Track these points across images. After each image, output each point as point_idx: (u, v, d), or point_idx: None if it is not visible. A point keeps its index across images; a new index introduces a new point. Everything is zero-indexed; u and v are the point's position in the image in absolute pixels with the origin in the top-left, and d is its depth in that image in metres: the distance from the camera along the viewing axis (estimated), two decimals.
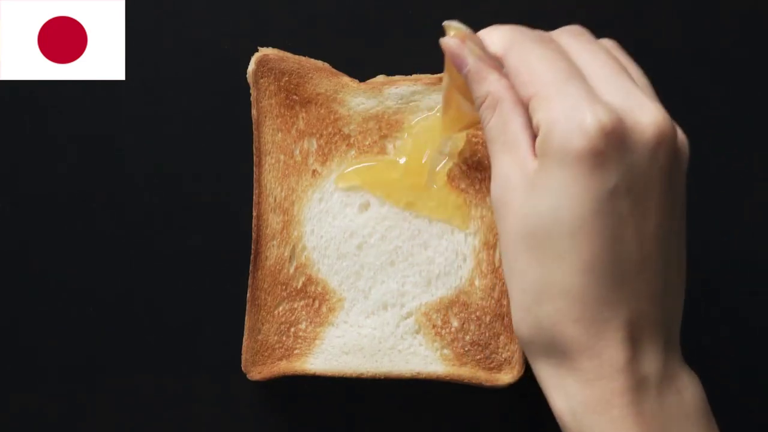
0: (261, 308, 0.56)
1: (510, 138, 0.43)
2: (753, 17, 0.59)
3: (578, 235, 0.40)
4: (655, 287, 0.42)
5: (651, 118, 0.41)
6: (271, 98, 0.56)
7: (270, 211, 0.56)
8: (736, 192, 0.59)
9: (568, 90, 0.41)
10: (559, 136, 0.40)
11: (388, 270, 0.56)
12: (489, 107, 0.44)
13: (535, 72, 0.42)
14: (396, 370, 0.56)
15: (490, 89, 0.44)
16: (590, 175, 0.40)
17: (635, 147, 0.41)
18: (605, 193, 0.40)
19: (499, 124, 0.44)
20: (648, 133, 0.41)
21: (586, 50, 0.44)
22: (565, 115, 0.40)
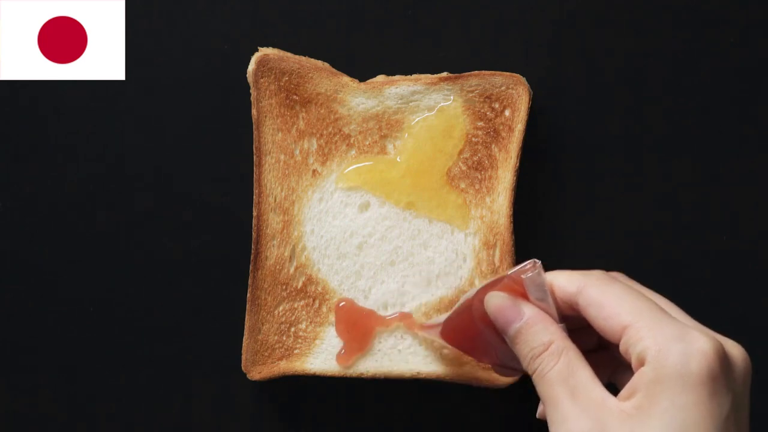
0: (261, 308, 0.56)
1: (581, 382, 0.42)
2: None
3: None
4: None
5: (740, 350, 0.42)
6: (271, 98, 0.56)
7: (270, 211, 0.56)
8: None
9: (668, 319, 0.41)
10: (678, 360, 0.40)
11: (388, 270, 0.56)
12: (553, 354, 0.43)
13: (625, 303, 0.42)
14: (396, 370, 0.56)
15: (554, 338, 0.44)
16: (710, 400, 0.39)
17: (736, 376, 0.41)
18: (722, 420, 0.40)
19: (566, 370, 0.43)
20: (741, 363, 0.42)
21: (645, 290, 0.45)
22: (678, 340, 0.40)
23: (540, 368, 0.43)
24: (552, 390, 0.43)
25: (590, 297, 0.43)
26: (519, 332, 0.44)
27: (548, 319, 0.44)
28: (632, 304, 0.42)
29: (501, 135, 0.56)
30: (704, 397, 0.39)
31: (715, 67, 0.59)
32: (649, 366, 0.40)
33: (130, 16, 0.59)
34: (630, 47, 0.59)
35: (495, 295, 0.45)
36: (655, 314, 0.42)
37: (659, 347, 0.40)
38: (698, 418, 0.39)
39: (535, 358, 0.44)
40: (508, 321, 0.45)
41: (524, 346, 0.44)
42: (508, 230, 0.56)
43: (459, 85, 0.56)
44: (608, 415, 0.41)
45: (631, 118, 0.59)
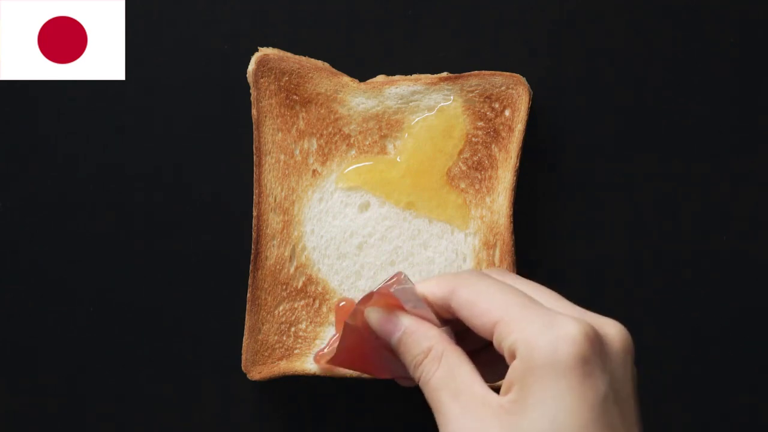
0: (261, 308, 0.56)
1: (462, 383, 0.42)
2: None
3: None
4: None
5: (617, 329, 0.42)
6: (271, 98, 0.56)
7: (270, 211, 0.56)
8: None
9: (536, 309, 0.41)
10: (545, 349, 0.39)
11: (388, 270, 0.56)
12: (433, 360, 0.43)
13: (494, 299, 0.42)
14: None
15: (432, 343, 0.43)
16: (582, 384, 0.39)
17: (612, 356, 0.41)
18: (599, 402, 0.40)
19: (446, 374, 0.42)
20: (618, 343, 0.41)
21: (519, 281, 0.45)
22: (545, 329, 0.40)
23: (423, 375, 0.43)
24: (436, 395, 0.43)
25: (461, 297, 0.43)
26: (400, 342, 0.44)
27: (426, 325, 0.44)
28: (501, 299, 0.42)
29: (501, 135, 0.56)
30: (576, 381, 0.39)
31: (715, 67, 0.59)
32: (519, 358, 0.40)
33: (130, 16, 0.59)
34: (630, 47, 0.59)
35: (371, 311, 0.45)
36: (523, 306, 0.41)
37: (527, 338, 0.40)
38: (573, 403, 0.39)
39: (417, 365, 0.44)
40: (388, 333, 0.45)
41: (407, 355, 0.44)
42: (508, 230, 0.56)
43: (459, 85, 0.56)
44: (489, 413, 0.40)
45: (631, 118, 0.59)
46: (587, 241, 0.58)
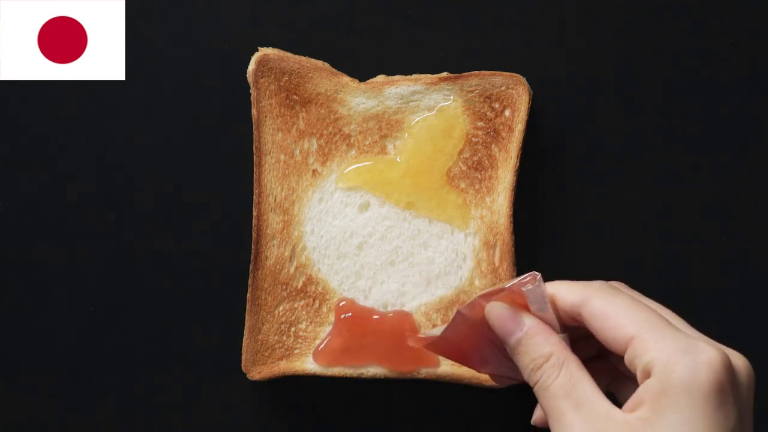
0: (261, 308, 0.56)
1: (584, 394, 0.42)
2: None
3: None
4: None
5: (743, 361, 0.42)
6: (271, 98, 0.56)
7: (270, 211, 0.56)
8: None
9: (674, 332, 0.41)
10: (685, 372, 0.39)
11: (388, 270, 0.56)
12: (554, 366, 0.43)
13: (630, 315, 0.42)
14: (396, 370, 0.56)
15: (554, 349, 0.43)
16: (716, 412, 0.39)
17: (741, 388, 0.41)
18: (731, 429, 0.40)
19: (567, 382, 0.42)
20: (745, 375, 0.41)
21: (648, 301, 0.45)
22: (685, 353, 0.40)
23: (542, 380, 0.43)
24: (555, 402, 0.43)
25: (594, 308, 0.43)
26: (519, 343, 0.44)
27: (548, 330, 0.44)
28: (637, 316, 0.42)
29: (501, 135, 0.56)
30: (711, 410, 0.39)
31: (715, 67, 0.59)
32: (655, 378, 0.40)
33: (130, 16, 0.59)
34: (630, 47, 0.59)
35: (495, 305, 0.45)
36: (661, 326, 0.41)
37: (666, 359, 0.40)
38: (705, 430, 0.39)
39: (536, 369, 0.44)
40: (508, 331, 0.45)
41: (524, 357, 0.44)
42: (508, 230, 0.56)
43: (459, 85, 0.56)
44: (613, 427, 0.40)
45: (631, 119, 0.59)
46: (587, 241, 0.58)
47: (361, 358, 0.55)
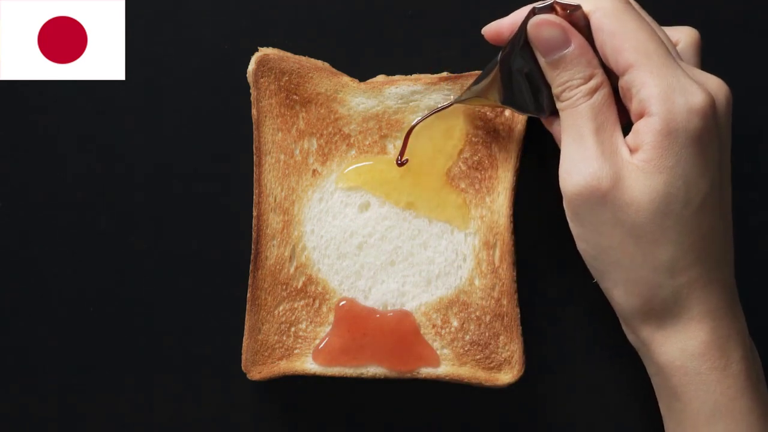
0: (261, 308, 0.56)
1: (606, 121, 0.45)
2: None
3: (704, 208, 0.43)
4: (731, 231, 0.47)
5: (724, 90, 0.45)
6: (271, 98, 0.56)
7: (270, 211, 0.56)
8: None
9: (673, 66, 0.43)
10: (682, 116, 0.42)
11: (388, 270, 0.56)
12: (590, 89, 0.45)
13: (637, 39, 0.43)
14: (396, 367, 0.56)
15: (596, 72, 0.45)
16: (706, 150, 0.43)
17: (720, 116, 0.44)
18: (715, 165, 0.44)
19: (597, 107, 0.45)
20: (723, 102, 0.45)
21: (655, 25, 0.47)
22: (681, 93, 0.43)
23: (574, 99, 0.45)
24: (579, 121, 0.45)
25: (601, 22, 0.44)
26: (563, 59, 0.45)
27: (592, 53, 0.45)
28: (642, 43, 0.44)
29: (501, 135, 0.56)
30: (701, 148, 0.43)
31: (715, 67, 0.59)
32: (655, 118, 0.43)
33: (130, 16, 0.59)
34: None
35: (546, 16, 0.45)
36: (662, 59, 0.43)
37: (665, 99, 0.43)
38: (700, 167, 0.43)
39: (572, 88, 0.45)
40: (553, 46, 0.46)
41: (564, 75, 0.45)
42: (508, 230, 0.56)
43: (459, 85, 0.56)
44: (622, 162, 0.44)
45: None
46: None
47: (361, 358, 0.55)
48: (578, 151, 0.45)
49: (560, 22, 0.45)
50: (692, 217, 0.43)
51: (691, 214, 0.43)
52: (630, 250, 0.44)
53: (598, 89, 0.45)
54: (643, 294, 0.45)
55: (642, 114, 0.43)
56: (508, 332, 0.55)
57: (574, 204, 0.45)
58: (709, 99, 0.43)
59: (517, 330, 0.55)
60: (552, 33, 0.45)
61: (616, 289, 0.46)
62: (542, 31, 0.45)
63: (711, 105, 0.43)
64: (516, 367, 0.55)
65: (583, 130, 0.45)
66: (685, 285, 0.44)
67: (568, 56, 0.45)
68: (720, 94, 0.45)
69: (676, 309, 0.45)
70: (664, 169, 0.43)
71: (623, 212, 0.44)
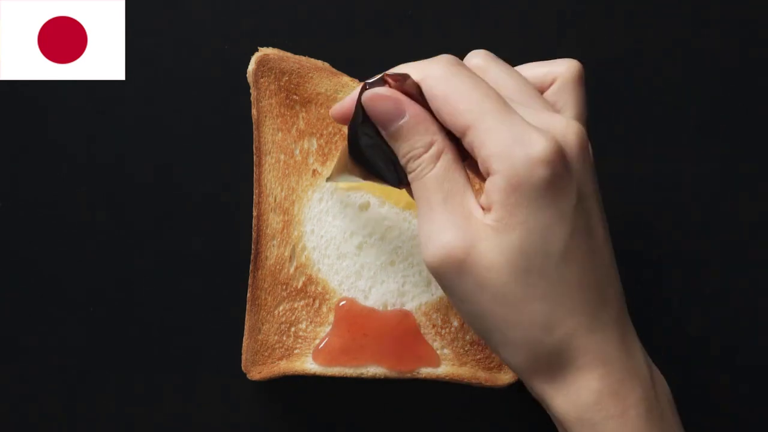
0: (261, 308, 0.56)
1: (455, 188, 0.43)
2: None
3: (567, 257, 0.42)
4: (616, 270, 0.44)
5: (574, 130, 0.43)
6: (271, 98, 0.56)
7: (270, 211, 0.56)
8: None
9: (509, 120, 0.41)
10: (523, 174, 0.41)
11: (388, 270, 0.56)
12: (432, 156, 0.43)
13: (470, 100, 0.42)
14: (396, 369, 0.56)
15: (435, 138, 0.43)
16: (558, 200, 0.41)
17: (573, 160, 0.42)
18: (572, 211, 0.42)
19: (442, 176, 0.43)
20: (575, 144, 0.42)
21: (497, 71, 0.45)
22: (519, 146, 0.41)
23: (418, 170, 0.43)
24: (426, 193, 0.43)
25: (434, 89, 0.43)
26: (400, 130, 0.44)
27: (430, 119, 0.44)
28: (476, 103, 0.42)
29: None
30: (552, 199, 0.41)
31: (716, 67, 0.59)
32: (498, 176, 0.41)
33: (130, 16, 0.59)
34: (630, 47, 0.59)
35: (379, 90, 0.44)
36: (499, 115, 0.41)
37: (504, 155, 0.41)
38: (554, 218, 0.41)
39: (414, 159, 0.44)
40: (389, 118, 0.44)
41: (405, 146, 0.44)
42: None
43: None
44: (475, 228, 0.42)
45: (631, 118, 0.59)
46: None
47: (361, 358, 0.55)
48: (430, 222, 0.43)
49: (392, 94, 0.44)
50: (556, 269, 0.41)
51: (554, 266, 0.41)
52: (501, 313, 0.42)
53: (441, 155, 0.43)
54: (526, 353, 0.43)
55: (488, 173, 0.42)
56: None
57: (436, 275, 0.43)
58: (551, 145, 0.41)
59: None
60: (385, 105, 0.44)
61: (500, 349, 0.44)
62: (376, 104, 0.44)
63: (555, 150, 0.41)
64: None
65: (432, 200, 0.43)
66: (565, 337, 0.42)
67: (404, 127, 0.43)
68: (569, 134, 0.42)
69: (561, 362, 0.43)
70: (516, 226, 0.41)
71: (484, 277, 0.42)
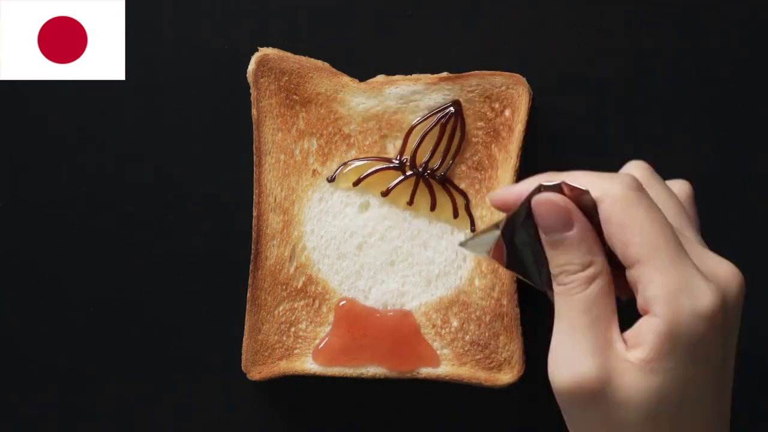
0: (261, 308, 0.56)
1: (603, 316, 0.42)
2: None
3: (696, 409, 0.41)
4: (730, 397, 0.44)
5: (738, 281, 0.43)
6: (271, 98, 0.56)
7: (270, 211, 0.56)
8: None
9: (680, 264, 0.41)
10: (687, 320, 0.40)
11: (388, 270, 0.56)
12: (587, 278, 0.43)
13: (646, 234, 0.41)
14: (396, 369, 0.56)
15: (594, 260, 0.43)
16: (709, 354, 0.41)
17: (730, 312, 0.42)
18: (716, 365, 0.42)
19: (593, 300, 0.42)
20: (736, 295, 0.42)
21: (657, 192, 0.45)
22: (687, 295, 0.40)
23: (570, 286, 0.43)
24: (572, 312, 0.43)
25: (611, 215, 0.42)
26: (563, 242, 0.43)
27: (594, 237, 0.43)
28: (651, 238, 0.41)
29: (501, 135, 0.56)
30: (704, 352, 0.41)
31: (716, 67, 0.59)
32: (659, 320, 0.40)
33: (130, 16, 0.59)
34: (630, 47, 0.59)
35: (551, 196, 0.43)
36: (671, 256, 0.41)
37: (670, 301, 0.40)
38: (700, 370, 0.41)
39: (569, 273, 0.43)
40: (555, 227, 0.43)
41: (562, 258, 0.43)
42: None
43: (459, 85, 0.56)
44: (615, 362, 0.41)
45: (631, 119, 0.59)
46: None
47: (361, 358, 0.55)
48: (569, 344, 0.42)
49: (565, 204, 0.43)
50: (684, 419, 0.41)
51: (683, 416, 0.41)
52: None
53: (596, 279, 0.43)
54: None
55: (646, 311, 0.41)
56: (508, 332, 0.55)
57: (560, 398, 0.43)
58: (717, 301, 0.41)
59: (517, 330, 0.55)
60: (555, 213, 0.43)
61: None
62: (545, 209, 0.43)
63: (719, 306, 0.41)
64: (516, 367, 0.55)
65: (576, 322, 0.42)
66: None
67: (568, 240, 0.43)
68: (732, 285, 0.42)
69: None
70: (662, 372, 0.40)
71: (613, 412, 0.41)
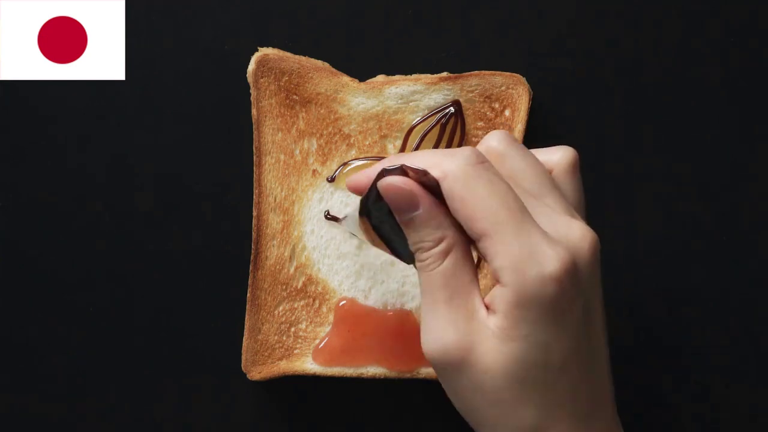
0: (261, 308, 0.56)
1: (461, 287, 0.43)
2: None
3: (564, 370, 0.42)
4: (610, 374, 0.45)
5: (589, 240, 0.43)
6: (271, 98, 0.56)
7: (270, 211, 0.56)
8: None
9: (525, 233, 0.41)
10: (533, 287, 0.41)
11: (388, 270, 0.56)
12: (441, 252, 0.43)
13: (487, 208, 0.42)
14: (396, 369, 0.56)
15: (446, 234, 0.43)
16: (563, 316, 0.41)
17: (583, 272, 0.42)
18: (575, 326, 0.42)
19: (449, 272, 0.43)
20: (588, 255, 0.43)
21: (515, 159, 0.45)
22: (531, 262, 0.41)
23: (426, 264, 0.44)
24: (431, 287, 0.43)
25: (451, 190, 0.42)
26: (413, 221, 0.44)
27: (443, 214, 0.43)
28: (493, 211, 0.42)
29: None
30: (559, 314, 0.41)
31: (715, 66, 0.59)
32: (507, 288, 0.41)
33: (130, 16, 0.59)
34: (630, 47, 0.59)
35: (395, 179, 0.44)
36: (515, 226, 0.41)
37: (516, 270, 0.41)
38: (558, 333, 0.41)
39: (424, 250, 0.44)
40: (403, 208, 0.44)
41: (415, 236, 0.44)
42: None
43: (459, 85, 0.56)
44: (476, 330, 0.42)
45: (631, 118, 0.59)
46: None
47: (361, 358, 0.55)
48: (433, 318, 0.43)
49: (408, 186, 0.43)
50: (553, 379, 0.42)
51: (552, 377, 0.42)
52: (491, 413, 0.43)
53: (450, 252, 0.43)
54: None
55: (497, 282, 0.42)
56: None
57: (435, 369, 0.44)
58: (564, 264, 0.41)
59: None
60: (399, 196, 0.43)
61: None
62: (390, 192, 0.44)
63: (567, 269, 0.41)
64: None
65: (436, 296, 0.43)
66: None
67: (417, 219, 0.43)
68: (583, 245, 0.43)
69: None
70: (518, 338, 0.41)
71: (479, 379, 0.42)
